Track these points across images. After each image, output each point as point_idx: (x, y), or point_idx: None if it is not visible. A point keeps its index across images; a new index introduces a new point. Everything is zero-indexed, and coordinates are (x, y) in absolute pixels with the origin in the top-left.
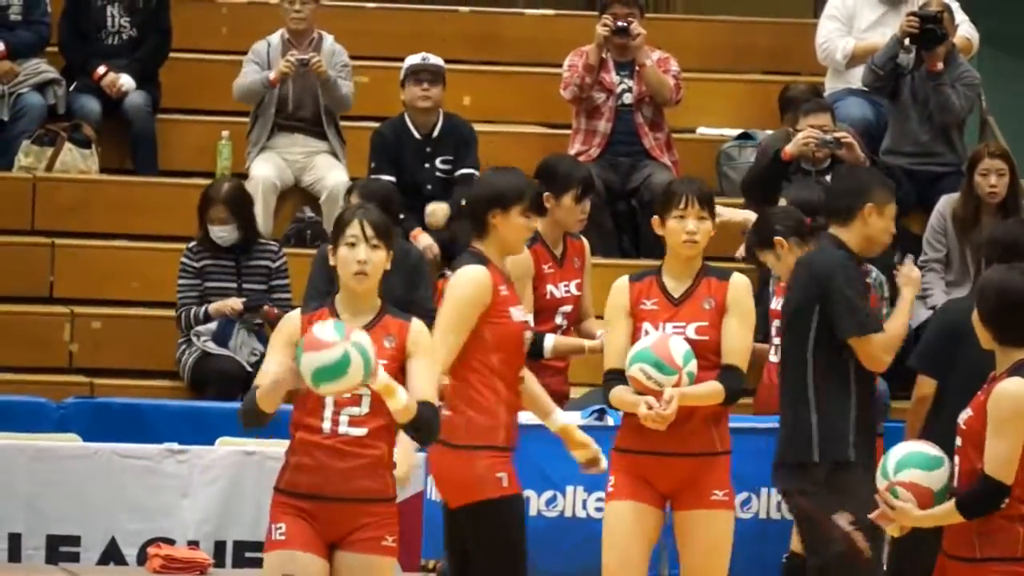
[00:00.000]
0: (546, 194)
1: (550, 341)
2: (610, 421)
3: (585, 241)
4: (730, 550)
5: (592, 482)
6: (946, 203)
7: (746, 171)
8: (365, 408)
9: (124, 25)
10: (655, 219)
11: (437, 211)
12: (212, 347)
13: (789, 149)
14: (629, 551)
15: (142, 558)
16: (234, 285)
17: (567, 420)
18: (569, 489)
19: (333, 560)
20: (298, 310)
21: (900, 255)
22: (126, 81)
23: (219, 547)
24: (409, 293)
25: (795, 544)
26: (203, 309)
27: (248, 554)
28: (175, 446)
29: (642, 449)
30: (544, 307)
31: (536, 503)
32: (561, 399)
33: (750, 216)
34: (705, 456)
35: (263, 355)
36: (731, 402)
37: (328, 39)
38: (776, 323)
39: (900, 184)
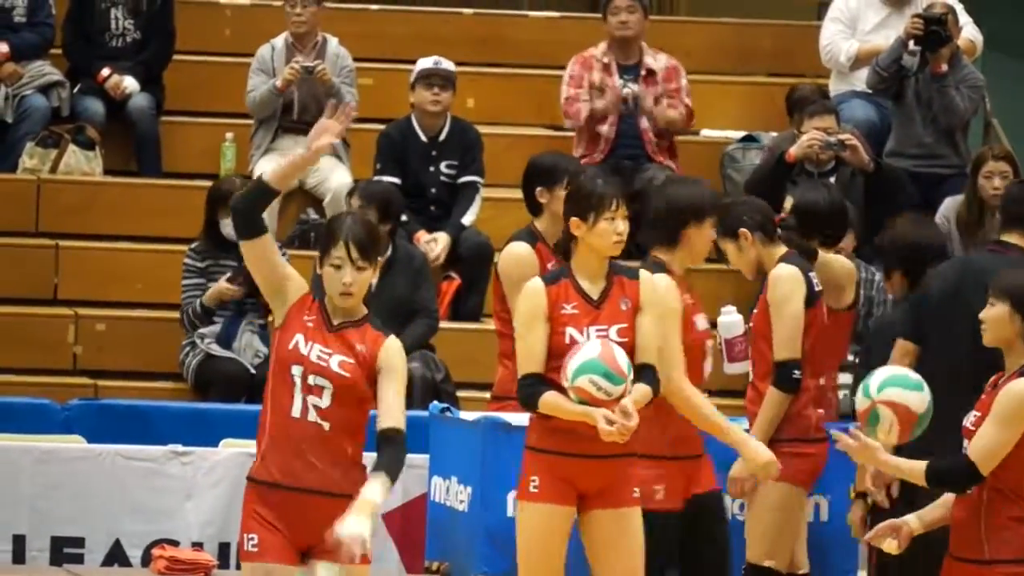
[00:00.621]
0: (539, 189)
1: None
2: None
3: None
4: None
5: None
6: (950, 206)
7: (750, 173)
8: (326, 401)
9: (128, 27)
10: (574, 220)
11: (439, 241)
12: (216, 349)
13: (793, 151)
14: (551, 553)
15: (146, 560)
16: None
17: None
18: None
19: (307, 566)
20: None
21: None
22: (130, 83)
23: (223, 549)
24: (412, 294)
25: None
26: (198, 302)
27: None
28: (179, 448)
29: (564, 451)
30: None
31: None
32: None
33: None
34: (624, 457)
35: (267, 357)
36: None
37: (332, 42)
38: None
39: (904, 186)
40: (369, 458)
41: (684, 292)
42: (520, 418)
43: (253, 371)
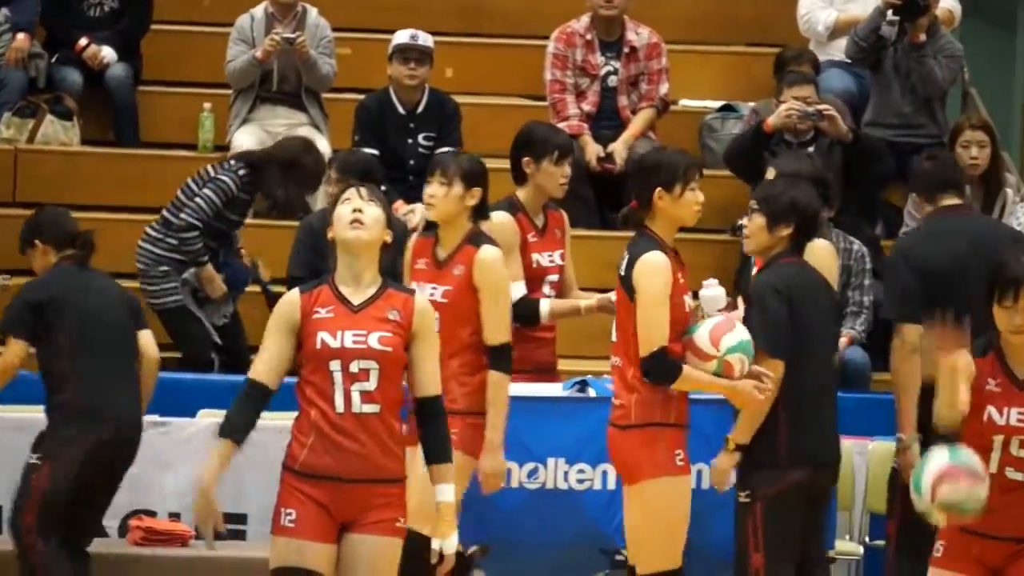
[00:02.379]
0: (525, 159)
1: (546, 305)
2: (592, 392)
3: (564, 213)
4: None
5: (572, 454)
6: None
7: (728, 143)
8: (373, 383)
9: None
10: (658, 191)
11: (417, 212)
12: (191, 304)
13: (771, 121)
14: None
15: (123, 530)
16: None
17: None
18: (550, 461)
19: (342, 541)
20: (296, 290)
21: (883, 228)
22: (108, 53)
23: None
24: (391, 263)
25: None
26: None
27: (230, 526)
28: (156, 418)
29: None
30: (531, 276)
31: (517, 475)
32: (550, 370)
33: None
34: None
35: (233, 317)
36: None
37: (312, 12)
38: None
39: (882, 156)
40: None
41: (676, 270)
42: (512, 389)
43: (216, 338)
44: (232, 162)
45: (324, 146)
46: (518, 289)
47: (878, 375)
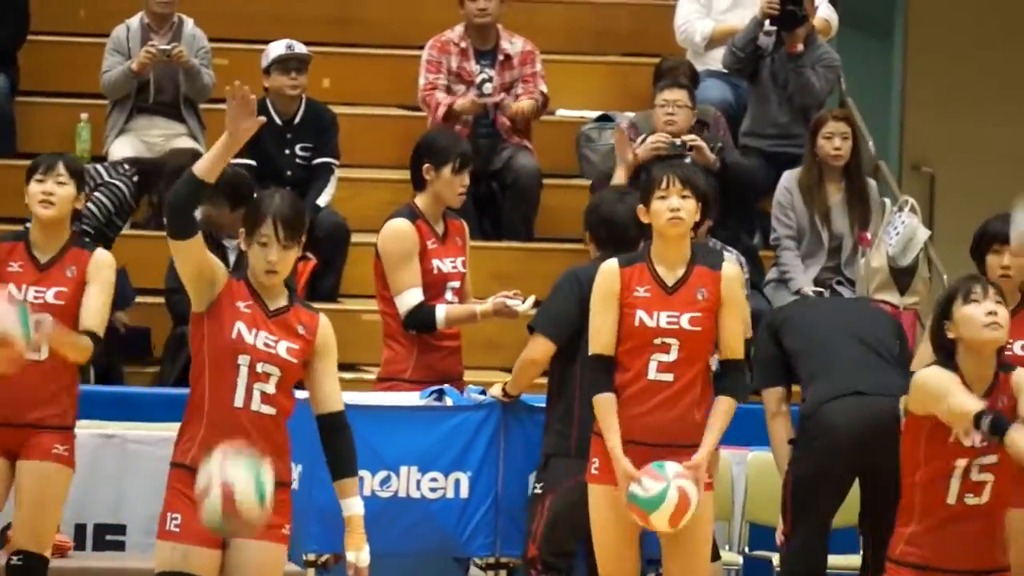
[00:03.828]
0: (426, 166)
1: (441, 312)
2: (449, 401)
3: (464, 223)
4: None
5: (425, 463)
6: (790, 177)
7: (604, 157)
8: (273, 387)
9: None
10: (640, 208)
11: None
12: None
13: (640, 153)
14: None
15: (1, 542)
16: None
17: None
18: (403, 470)
19: (229, 548)
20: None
21: (761, 238)
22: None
23: (79, 530)
24: None
25: None
26: None
27: (109, 537)
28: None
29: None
30: (433, 282)
31: (370, 483)
32: (455, 379)
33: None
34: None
35: (112, 330)
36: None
37: (188, 23)
38: None
39: (752, 180)
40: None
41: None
42: (354, 399)
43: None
44: (125, 167)
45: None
46: (414, 296)
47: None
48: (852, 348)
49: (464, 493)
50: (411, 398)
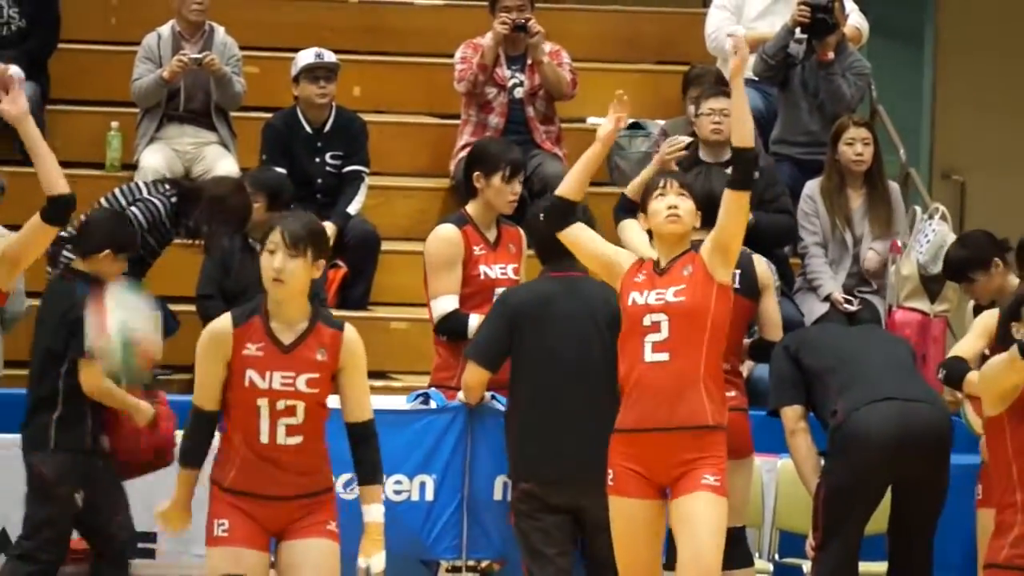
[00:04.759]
0: (476, 174)
1: (475, 320)
2: (433, 404)
3: (521, 230)
4: None
5: (390, 466)
6: (812, 185)
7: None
8: (300, 417)
9: (12, 16)
10: (640, 216)
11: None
12: None
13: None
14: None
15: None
16: None
17: None
18: None
19: (279, 551)
20: (228, 316)
21: (791, 245)
22: (15, 72)
23: None
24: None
25: None
26: None
27: (140, 545)
28: None
29: None
30: (479, 288)
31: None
32: (502, 387)
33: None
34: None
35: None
36: None
37: (219, 31)
38: None
39: (775, 181)
40: None
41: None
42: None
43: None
44: (166, 187)
45: (232, 164)
46: (449, 302)
47: None
48: (879, 361)
49: (430, 496)
50: (380, 401)
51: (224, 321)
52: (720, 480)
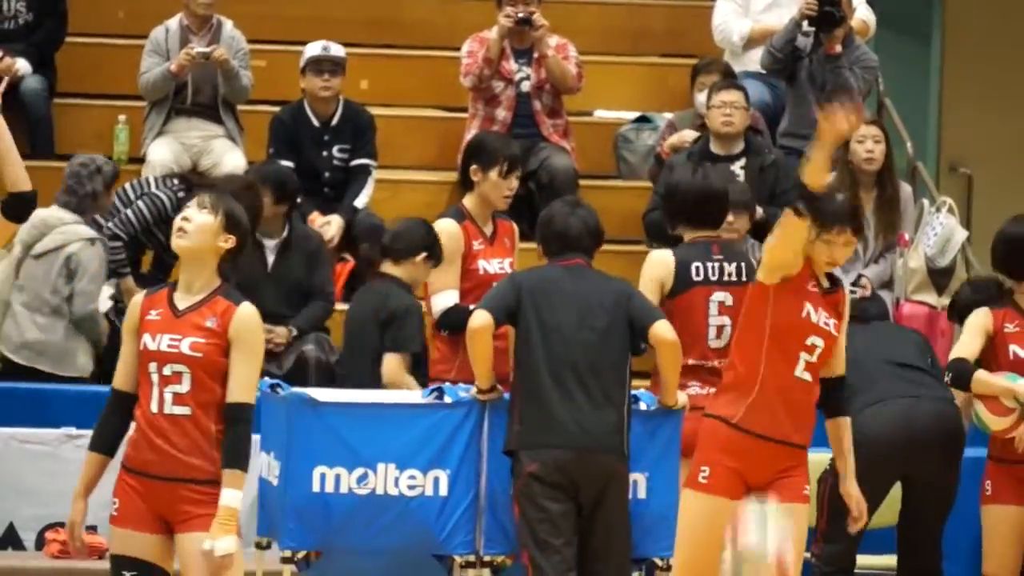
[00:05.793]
0: (473, 167)
1: None
2: (448, 399)
3: (514, 224)
4: None
5: (403, 460)
6: None
7: (642, 158)
8: (186, 386)
9: (20, 9)
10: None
11: (332, 224)
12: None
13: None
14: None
15: (40, 543)
16: None
17: None
18: (380, 467)
19: (176, 543)
20: (141, 293)
21: None
22: (22, 65)
23: None
24: (308, 276)
25: None
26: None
27: None
28: (73, 431)
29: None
30: (479, 283)
31: (347, 480)
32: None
33: None
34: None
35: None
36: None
37: (227, 25)
38: None
39: (788, 175)
40: None
41: None
42: (328, 394)
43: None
44: (175, 182)
45: (240, 158)
46: (450, 297)
47: None
48: (885, 367)
49: (443, 491)
50: (394, 395)
51: (139, 294)
52: (809, 488)
